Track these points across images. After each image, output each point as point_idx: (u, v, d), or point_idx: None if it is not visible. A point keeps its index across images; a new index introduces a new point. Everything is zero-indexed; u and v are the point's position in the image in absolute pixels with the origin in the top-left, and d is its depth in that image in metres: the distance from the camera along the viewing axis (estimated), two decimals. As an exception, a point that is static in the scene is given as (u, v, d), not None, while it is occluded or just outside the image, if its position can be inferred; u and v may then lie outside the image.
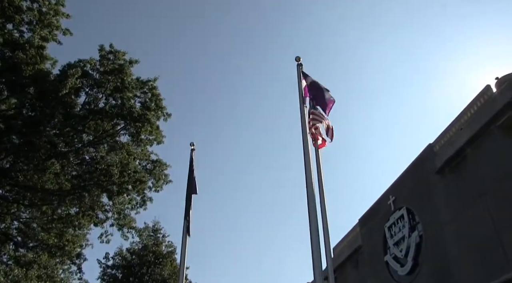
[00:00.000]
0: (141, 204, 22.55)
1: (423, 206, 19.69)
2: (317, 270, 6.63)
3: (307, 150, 7.84)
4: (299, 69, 9.20)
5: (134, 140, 21.81)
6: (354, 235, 25.31)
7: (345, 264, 25.57)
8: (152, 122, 21.31)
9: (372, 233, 23.19)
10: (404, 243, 20.37)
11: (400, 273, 20.28)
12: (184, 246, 10.47)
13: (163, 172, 22.48)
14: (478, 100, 17.82)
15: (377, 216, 23.04)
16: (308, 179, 7.46)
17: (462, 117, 18.55)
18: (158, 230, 32.56)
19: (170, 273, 30.33)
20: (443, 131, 19.44)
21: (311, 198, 7.27)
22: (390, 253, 21.32)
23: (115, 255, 31.75)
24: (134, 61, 21.60)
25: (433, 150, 19.75)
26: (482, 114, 17.18)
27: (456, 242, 17.30)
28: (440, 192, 18.74)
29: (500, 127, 16.14)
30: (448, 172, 18.55)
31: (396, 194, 21.72)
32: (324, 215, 8.35)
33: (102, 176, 20.71)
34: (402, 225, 20.76)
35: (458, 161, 18.02)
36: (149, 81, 21.80)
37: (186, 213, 11.05)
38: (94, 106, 21.23)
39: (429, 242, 18.93)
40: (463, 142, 17.68)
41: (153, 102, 21.63)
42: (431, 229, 18.90)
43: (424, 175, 19.95)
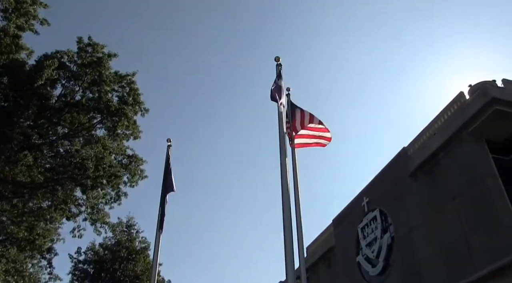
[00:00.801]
0: (116, 199, 22.33)
1: (395, 208, 20.07)
2: (289, 269, 6.70)
3: (283, 148, 7.92)
4: (278, 69, 9.29)
5: (111, 134, 21.58)
6: (328, 235, 25.61)
7: (318, 263, 25.84)
8: (129, 117, 21.11)
9: (345, 234, 23.51)
10: (376, 244, 20.73)
11: (371, 273, 20.64)
12: (158, 242, 10.42)
13: (139, 167, 22.30)
14: (452, 106, 18.28)
15: (350, 217, 23.37)
16: (283, 178, 7.53)
17: (436, 122, 19.00)
18: (132, 225, 32.29)
19: (143, 269, 30.11)
20: (417, 135, 19.87)
21: (286, 197, 7.34)
22: (362, 253, 21.66)
23: (87, 250, 31.36)
24: (112, 55, 21.37)
25: (407, 154, 20.15)
26: (454, 120, 17.63)
27: (426, 244, 17.71)
28: (412, 195, 19.14)
29: (471, 134, 16.60)
30: (420, 175, 18.96)
31: (370, 195, 22.07)
32: (298, 214, 8.46)
33: (76, 170, 20.43)
34: (374, 226, 21.12)
35: (430, 165, 18.45)
36: (128, 76, 21.59)
37: (160, 209, 10.99)
38: (70, 98, 20.91)
39: (400, 243, 19.32)
40: (436, 147, 18.11)
41: (131, 97, 21.44)
42: (403, 230, 19.29)
43: (397, 177, 20.34)
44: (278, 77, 8.92)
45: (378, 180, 22.01)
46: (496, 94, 16.09)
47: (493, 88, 16.48)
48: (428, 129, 19.34)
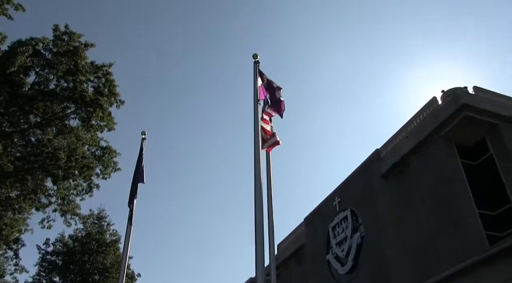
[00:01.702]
0: (87, 191, 21.99)
1: (366, 208, 20.43)
2: (259, 265, 6.76)
3: (257, 147, 7.98)
4: (256, 67, 9.32)
5: (84, 125, 21.21)
6: (299, 233, 25.88)
7: (288, 261, 26.09)
8: (104, 108, 20.80)
9: (316, 232, 23.80)
10: (346, 243, 21.06)
11: (341, 272, 20.96)
12: (128, 235, 10.34)
13: (112, 160, 22.01)
14: (424, 111, 18.71)
15: (322, 215, 23.66)
16: (256, 175, 7.59)
17: (408, 126, 19.41)
18: (103, 218, 31.87)
19: (112, 262, 29.78)
20: (390, 138, 20.26)
21: (258, 193, 7.40)
22: (332, 252, 21.97)
23: (56, 241, 30.81)
24: (89, 45, 20.99)
25: (380, 155, 20.53)
26: (426, 124, 18.06)
27: (395, 244, 18.09)
28: (383, 196, 19.51)
29: (442, 138, 17.04)
30: (392, 177, 19.35)
31: (342, 195, 22.39)
32: (271, 212, 8.52)
33: (48, 159, 20.03)
34: (345, 226, 21.45)
35: (402, 167, 18.85)
36: (104, 67, 21.26)
37: (130, 201, 10.88)
38: (44, 87, 20.47)
39: (370, 243, 19.68)
40: (408, 150, 18.51)
41: (107, 88, 21.12)
42: (373, 231, 19.65)
43: (369, 178, 20.69)
44: (255, 75, 8.98)
45: (350, 180, 22.34)
46: (467, 101, 16.56)
47: (465, 95, 16.95)
48: (401, 132, 19.74)
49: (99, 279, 29.59)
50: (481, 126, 16.60)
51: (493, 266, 12.87)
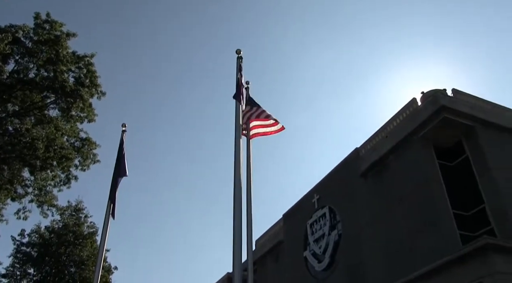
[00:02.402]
0: (65, 182, 21.65)
1: (345, 206, 20.66)
2: (236, 260, 6.80)
3: (238, 140, 8.00)
4: (239, 62, 9.35)
5: (64, 115, 20.86)
6: (277, 229, 26.03)
7: (266, 257, 26.23)
8: (85, 99, 20.49)
9: (294, 229, 23.98)
10: (323, 240, 21.28)
11: (317, 268, 21.19)
12: (106, 228, 10.26)
13: (92, 151, 21.70)
14: (404, 111, 18.98)
15: (301, 212, 23.84)
16: (236, 170, 7.62)
17: (388, 126, 19.66)
18: (80, 209, 31.45)
19: (89, 255, 29.46)
20: (370, 137, 20.50)
21: (238, 189, 7.44)
22: (309, 249, 22.17)
23: (32, 233, 30.31)
24: (71, 34, 20.62)
25: (359, 154, 20.76)
26: (406, 125, 18.33)
27: (372, 242, 18.36)
28: (362, 194, 19.76)
29: (421, 139, 17.33)
30: (371, 176, 19.60)
31: (321, 193, 22.60)
32: (249, 207, 8.56)
33: (25, 149, 19.65)
34: (323, 223, 21.66)
35: (381, 167, 19.10)
36: (86, 57, 20.92)
37: (111, 194, 10.77)
38: (23, 76, 20.05)
39: (347, 241, 19.92)
40: (387, 149, 18.78)
41: (88, 79, 20.79)
42: (350, 228, 19.90)
43: (348, 177, 20.92)
44: (238, 71, 9.00)
45: (329, 178, 22.56)
46: (446, 103, 16.87)
47: (443, 97, 17.26)
48: (381, 132, 19.99)
49: (75, 271, 29.27)
50: (458, 129, 16.93)
51: (465, 265, 13.16)
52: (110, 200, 10.81)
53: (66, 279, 28.97)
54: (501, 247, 12.93)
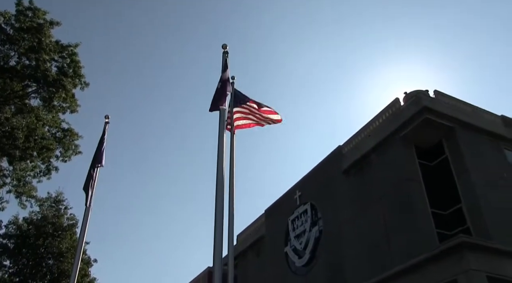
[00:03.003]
0: (45, 173, 21.34)
1: (326, 203, 20.85)
2: (217, 255, 6.82)
3: (222, 134, 8.01)
4: (225, 57, 9.34)
5: (46, 105, 20.53)
6: (259, 224, 26.13)
7: (247, 252, 26.33)
8: (67, 89, 20.19)
9: (276, 224, 24.11)
10: (304, 237, 21.46)
11: (298, 264, 21.36)
12: (86, 220, 10.16)
13: (74, 142, 21.40)
14: (387, 111, 19.21)
15: (282, 208, 23.98)
16: (219, 165, 7.63)
17: (371, 125, 19.88)
18: (61, 201, 30.99)
19: (68, 247, 29.09)
20: (353, 135, 20.70)
21: (220, 183, 7.45)
22: (290, 245, 22.34)
23: (9, 224, 29.77)
24: (55, 23, 20.28)
25: (342, 152, 20.95)
26: (388, 124, 18.57)
27: (352, 239, 18.58)
28: (343, 192, 19.96)
29: (402, 139, 17.58)
30: (352, 174, 19.82)
31: (303, 189, 22.76)
32: (231, 202, 8.60)
33: (4, 139, 19.30)
34: (304, 219, 21.83)
35: (362, 165, 19.33)
36: (70, 47, 20.60)
37: (86, 184, 10.58)
38: (4, 63, 19.67)
39: (327, 237, 20.13)
40: (369, 148, 19.01)
41: (71, 69, 20.48)
42: (331, 225, 20.10)
43: (331, 174, 21.11)
44: (224, 65, 8.99)
45: (312, 175, 22.73)
46: (428, 104, 17.14)
47: (426, 98, 17.53)
48: (364, 130, 20.20)
49: (53, 263, 28.89)
50: (439, 129, 17.22)
51: (441, 263, 13.46)
52: (84, 189, 10.62)
53: (44, 271, 28.58)
54: (476, 245, 13.25)
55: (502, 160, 17.69)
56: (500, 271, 13.08)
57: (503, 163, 17.60)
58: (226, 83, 8.68)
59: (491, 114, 19.36)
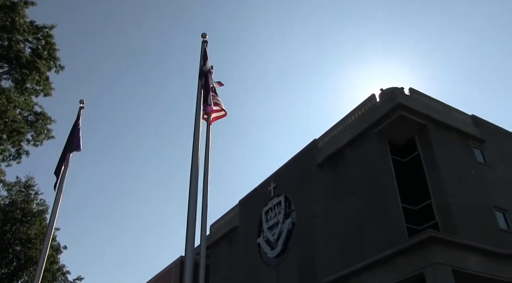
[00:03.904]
0: (15, 157, 20.79)
1: (300, 195, 21.06)
2: (189, 244, 6.79)
3: (198, 124, 7.97)
4: (204, 46, 9.27)
5: (18, 87, 19.95)
6: (233, 215, 26.21)
7: (220, 242, 26.40)
8: (41, 72, 19.66)
9: (249, 215, 24.23)
10: (277, 228, 21.65)
11: (270, 255, 21.56)
12: (56, 206, 9.96)
13: (46, 126, 20.88)
14: (363, 106, 19.46)
15: (257, 199, 24.11)
16: (194, 154, 7.59)
17: (347, 119, 20.11)
18: (31, 186, 30.29)
19: (37, 233, 28.54)
20: (329, 129, 20.91)
21: (194, 173, 7.42)
22: (263, 236, 22.51)
23: (-26, 208, 29.06)
24: (30, 3, 19.65)
25: (317, 145, 21.16)
26: (363, 120, 18.84)
27: (324, 232, 18.85)
28: (317, 185, 20.19)
29: (377, 134, 17.88)
30: (327, 167, 20.05)
31: (278, 181, 22.92)
32: (205, 192, 8.56)
33: (-28, 120, 18.76)
34: (278, 211, 22.01)
35: (337, 159, 19.58)
36: (45, 28, 20.03)
37: (57, 168, 10.33)
38: (-28, 42, 19.04)
39: (300, 229, 20.36)
40: (344, 142, 19.26)
41: (46, 51, 19.95)
42: (304, 217, 20.33)
43: (305, 167, 21.31)
44: (203, 55, 8.93)
45: (287, 167, 22.89)
46: (402, 101, 17.46)
47: (401, 95, 17.85)
48: (339, 125, 20.42)
49: (21, 250, 28.32)
50: (412, 126, 17.58)
51: (409, 257, 13.80)
52: (55, 173, 10.39)
53: (10, 257, 28.01)
54: (443, 240, 13.63)
55: (471, 158, 18.19)
56: (464, 265, 13.51)
57: (472, 161, 18.11)
58: (208, 76, 8.61)
59: (462, 113, 19.86)
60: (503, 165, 19.07)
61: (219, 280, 25.06)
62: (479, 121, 19.94)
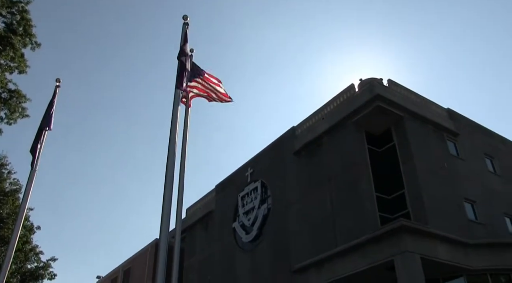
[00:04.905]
0: (-13, 135, 20.35)
1: (276, 181, 21.23)
2: (164, 227, 6.78)
3: (176, 107, 7.91)
4: (185, 29, 9.16)
5: (-10, 63, 19.43)
6: (209, 199, 26.27)
7: (195, 225, 26.48)
8: (16, 48, 19.10)
9: (226, 200, 24.33)
10: (253, 213, 21.82)
11: (244, 240, 21.76)
12: (30, 184, 9.81)
13: (21, 105, 20.37)
14: (342, 96, 19.61)
15: (233, 184, 24.20)
16: (172, 137, 7.55)
17: (325, 108, 20.25)
18: (3, 165, 29.70)
19: (10, 213, 28.06)
20: (307, 117, 21.03)
21: (171, 157, 7.38)
22: (238, 220, 22.67)
23: None
24: (4, -24, 19.07)
25: (295, 133, 21.29)
26: (342, 109, 19.00)
27: (298, 218, 19.09)
28: (294, 172, 20.37)
29: (355, 123, 18.08)
30: (304, 155, 20.22)
31: (255, 167, 23.02)
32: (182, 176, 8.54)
33: None
34: (254, 197, 22.17)
35: (314, 147, 19.75)
36: (20, 3, 19.39)
37: (35, 147, 10.14)
38: None
39: (275, 215, 20.57)
40: (322, 131, 19.42)
41: (21, 27, 19.41)
42: (280, 203, 20.53)
43: (283, 154, 21.45)
44: (183, 37, 8.83)
45: (264, 153, 23.00)
46: (381, 92, 17.66)
47: (379, 86, 18.04)
48: (318, 113, 20.56)
49: (-8, 229, 27.90)
50: (389, 117, 17.82)
51: (380, 244, 14.13)
52: (31, 151, 10.20)
53: (-20, 237, 27.56)
54: (414, 229, 13.99)
55: (444, 150, 18.59)
56: (432, 254, 13.92)
57: (445, 153, 18.51)
58: (187, 58, 8.54)
59: (438, 106, 20.23)
60: (474, 157, 19.57)
61: (194, 263, 25.20)
62: (454, 115, 20.35)
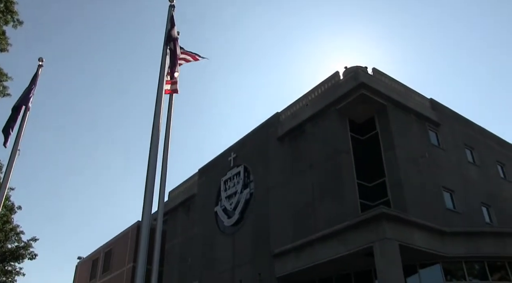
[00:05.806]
0: (-33, 113, 19.98)
1: (259, 167, 21.34)
2: (146, 209, 6.82)
3: (160, 91, 7.89)
4: (171, 11, 9.08)
5: (-30, 39, 18.98)
6: (192, 183, 26.29)
7: (178, 208, 26.53)
8: (-3, 25, 18.75)
9: (208, 184, 24.39)
10: (235, 198, 21.95)
11: (226, 223, 21.91)
12: (11, 164, 9.72)
13: (2, 83, 20.07)
14: (326, 83, 19.69)
15: (216, 168, 24.24)
16: (155, 120, 7.54)
17: (310, 94, 20.32)
18: (-17, 144, 29.37)
19: (-11, 192, 27.85)
20: (292, 103, 21.09)
21: (155, 139, 7.38)
22: (221, 204, 22.79)
23: None
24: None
25: (279, 119, 21.36)
26: (326, 96, 19.11)
27: (280, 203, 19.27)
28: (277, 157, 20.50)
29: (338, 111, 18.22)
30: (287, 141, 20.34)
31: (238, 151, 23.09)
32: (165, 158, 8.56)
33: None
34: (237, 181, 22.27)
35: (297, 133, 19.87)
36: (1, -22, 18.99)
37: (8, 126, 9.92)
38: None
39: (257, 200, 20.72)
40: (305, 117, 19.53)
41: (3, 4, 18.99)
42: (262, 189, 20.68)
43: (266, 139, 21.54)
44: (169, 20, 8.74)
45: (248, 138, 23.05)
46: (365, 80, 17.79)
47: (364, 74, 18.16)
48: (302, 100, 20.63)
49: (-29, 208, 27.59)
50: (373, 106, 18.00)
51: (360, 231, 14.38)
52: (4, 131, 9.99)
53: (-41, 216, 27.22)
54: (393, 216, 14.27)
55: (425, 140, 18.89)
56: (410, 241, 14.23)
57: (426, 143, 18.81)
58: (176, 43, 8.45)
59: (421, 96, 20.47)
60: (454, 148, 19.93)
61: (176, 246, 25.32)
62: (437, 105, 20.63)
